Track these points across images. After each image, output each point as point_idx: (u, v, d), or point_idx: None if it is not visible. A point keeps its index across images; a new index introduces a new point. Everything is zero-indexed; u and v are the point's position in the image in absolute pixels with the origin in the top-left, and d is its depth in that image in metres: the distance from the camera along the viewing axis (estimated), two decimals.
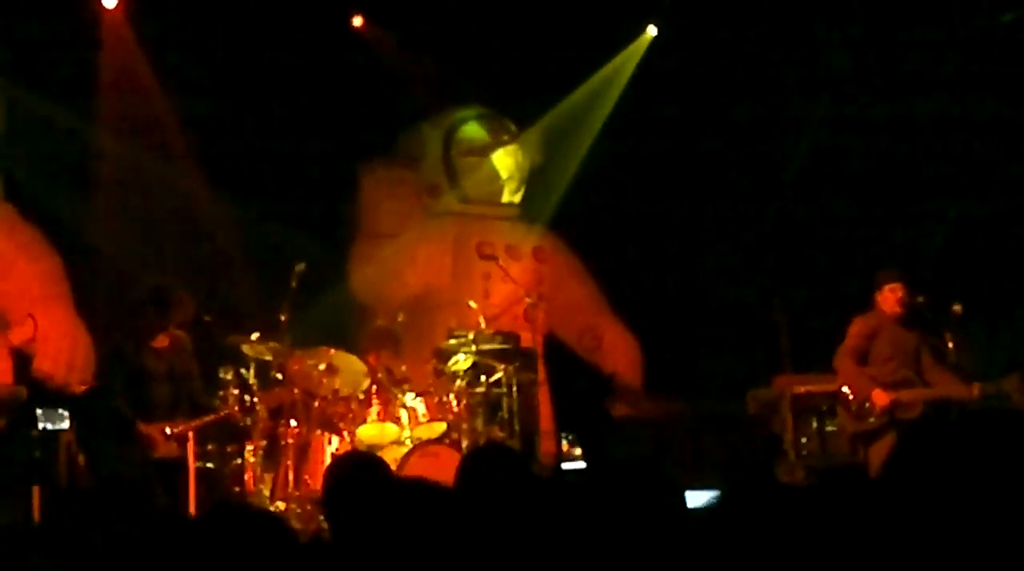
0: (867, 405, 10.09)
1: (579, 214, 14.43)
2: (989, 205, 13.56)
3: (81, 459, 9.83)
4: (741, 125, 14.18)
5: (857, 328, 10.42)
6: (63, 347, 11.28)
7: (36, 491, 9.40)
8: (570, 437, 13.08)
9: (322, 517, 8.70)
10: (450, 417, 10.81)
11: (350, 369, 11.03)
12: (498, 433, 11.05)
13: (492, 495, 4.62)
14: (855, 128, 14.10)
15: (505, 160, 14.50)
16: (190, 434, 9.90)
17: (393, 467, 9.74)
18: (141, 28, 12.40)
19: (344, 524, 4.85)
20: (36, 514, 9.29)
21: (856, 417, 10.22)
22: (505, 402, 11.38)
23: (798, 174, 14.23)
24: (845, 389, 10.35)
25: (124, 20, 12.38)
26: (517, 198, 14.71)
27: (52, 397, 9.58)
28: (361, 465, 5.31)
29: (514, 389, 11.41)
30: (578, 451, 13.01)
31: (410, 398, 10.77)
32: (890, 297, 10.34)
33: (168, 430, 9.61)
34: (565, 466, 12.55)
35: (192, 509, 9.52)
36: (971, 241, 13.58)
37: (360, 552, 4.60)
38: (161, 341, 9.87)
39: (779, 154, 14.39)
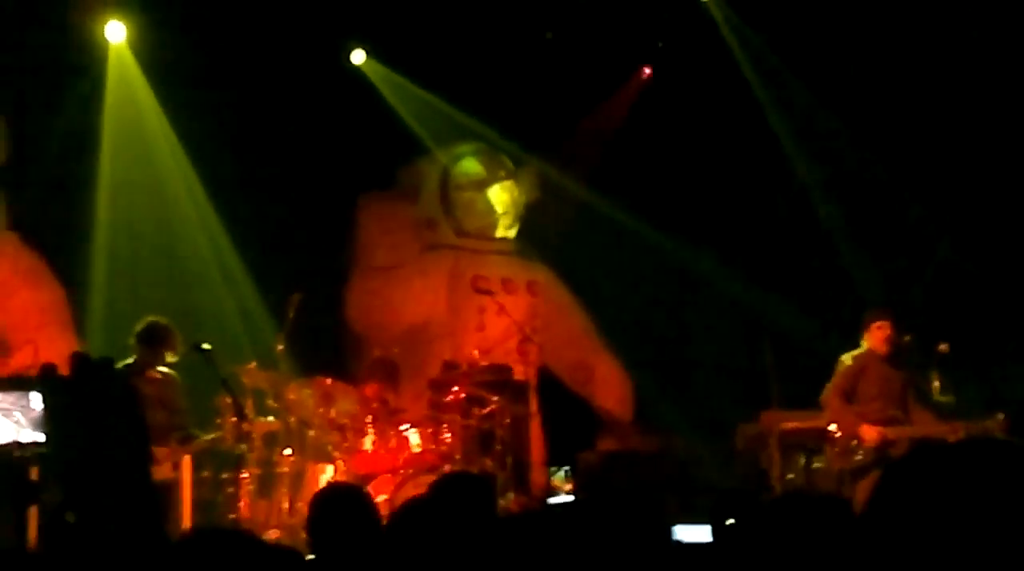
0: (855, 442, 10.15)
1: (572, 249, 14.56)
2: (976, 245, 13.70)
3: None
4: (732, 164, 14.32)
5: (845, 366, 10.50)
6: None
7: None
8: (561, 471, 13.14)
9: None
10: (443, 448, 10.92)
11: (346, 399, 11.16)
12: (489, 464, 11.16)
13: (461, 525, 4.69)
14: (844, 168, 14.25)
15: (501, 195, 14.65)
16: (186, 459, 10.01)
17: (387, 497, 9.88)
18: (145, 61, 12.53)
19: (326, 554, 4.96)
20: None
21: (843, 454, 10.28)
22: (497, 434, 11.49)
23: (788, 212, 14.36)
24: (833, 427, 10.42)
25: (129, 53, 12.51)
26: (512, 233, 14.84)
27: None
28: (344, 496, 5.38)
29: (506, 421, 11.54)
30: (565, 484, 13.06)
31: (404, 429, 10.88)
32: (878, 336, 10.41)
33: (163, 453, 9.65)
34: (554, 500, 12.61)
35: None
36: (958, 281, 13.68)
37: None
38: (152, 374, 9.99)
39: (769, 194, 14.52)
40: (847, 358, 10.54)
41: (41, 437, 6.78)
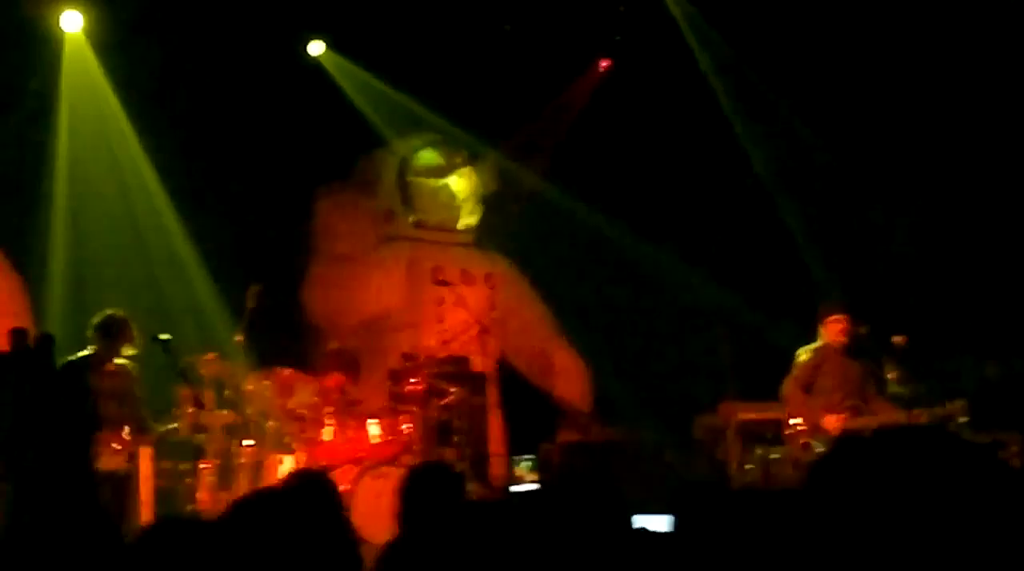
0: (815, 435, 10.20)
1: (530, 241, 14.59)
2: (931, 237, 13.82)
3: None
4: (691, 155, 14.39)
5: (803, 359, 10.56)
6: None
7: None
8: (525, 460, 13.18)
9: None
10: (402, 439, 10.94)
11: (305, 390, 11.15)
12: (449, 455, 11.18)
13: (431, 514, 4.71)
14: (800, 161, 14.34)
15: (459, 184, 14.67)
16: (145, 450, 9.98)
17: (347, 488, 9.89)
18: (102, 51, 12.47)
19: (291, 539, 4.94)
20: None
21: (804, 448, 10.33)
22: (456, 425, 11.52)
23: (745, 202, 14.43)
24: (795, 420, 10.47)
25: (86, 43, 12.45)
26: (472, 222, 14.85)
27: None
28: (311, 483, 5.37)
29: (465, 412, 11.56)
30: (529, 474, 13.10)
31: (364, 420, 10.89)
32: (834, 328, 10.48)
33: (117, 444, 9.62)
34: (515, 488, 12.65)
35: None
36: (913, 273, 13.80)
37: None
38: (108, 366, 9.95)
39: (728, 183, 14.59)
40: (804, 351, 10.60)
41: None
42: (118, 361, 9.99)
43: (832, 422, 10.08)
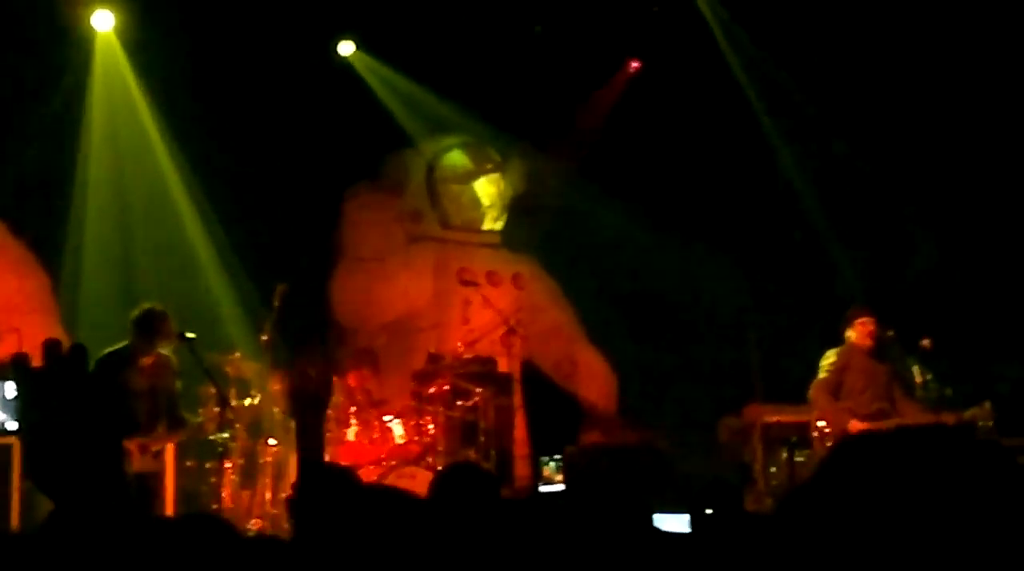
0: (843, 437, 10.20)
1: (557, 242, 14.57)
2: (960, 241, 13.75)
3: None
4: (719, 159, 14.34)
5: (830, 362, 10.55)
6: None
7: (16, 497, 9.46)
8: (552, 461, 13.17)
9: None
10: (427, 439, 10.95)
11: None
12: (473, 456, 11.19)
13: (463, 512, 4.72)
14: (829, 164, 14.29)
15: (488, 188, 14.66)
16: (169, 448, 10.00)
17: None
18: (132, 50, 12.52)
19: (309, 528, 4.95)
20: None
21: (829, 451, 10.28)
22: (481, 426, 11.53)
23: (773, 207, 14.39)
24: (821, 423, 10.45)
25: (116, 42, 12.50)
26: (498, 226, 14.85)
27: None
28: (331, 474, 5.37)
29: (490, 413, 11.57)
30: (554, 475, 13.08)
31: (388, 420, 10.90)
32: (861, 331, 10.48)
33: (147, 446, 9.61)
34: (541, 489, 12.63)
35: None
36: (941, 277, 13.73)
37: (323, 556, 4.73)
38: (145, 360, 9.90)
39: (757, 187, 14.55)
40: (831, 354, 10.59)
41: (11, 422, 6.82)
42: (160, 352, 9.95)
43: (858, 427, 10.04)
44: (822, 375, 10.52)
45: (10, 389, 6.74)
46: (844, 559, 2.19)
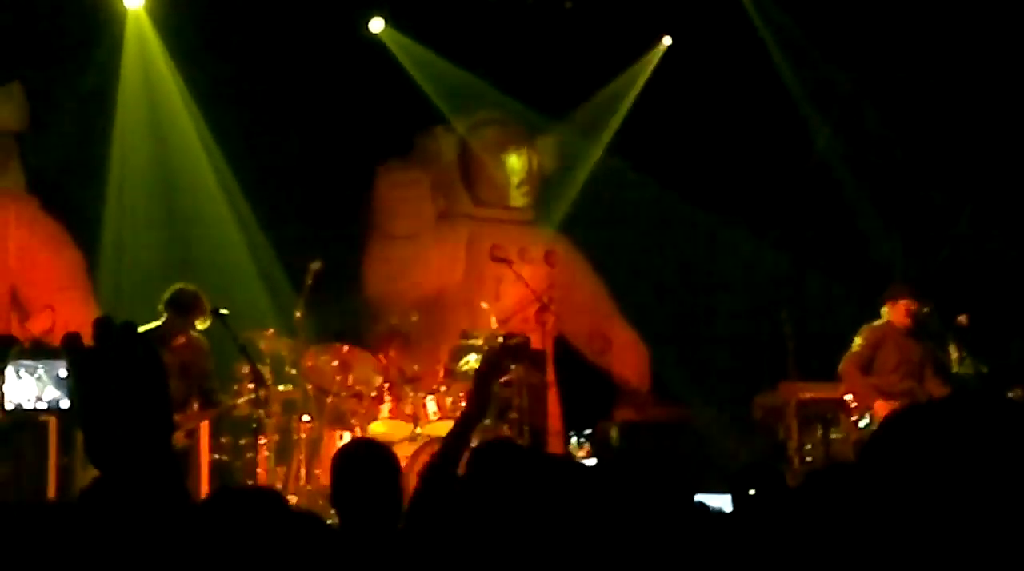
0: (867, 413, 10.21)
1: (590, 218, 14.54)
2: (997, 216, 13.67)
3: None
4: (752, 134, 14.27)
5: (864, 337, 10.53)
6: None
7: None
8: (579, 437, 13.17)
9: (333, 511, 8.81)
10: (460, 416, 10.93)
11: (363, 366, 11.19)
12: (507, 432, 11.18)
13: (500, 486, 4.70)
14: (863, 136, 14.22)
15: (519, 164, 14.61)
16: (204, 425, 10.04)
17: (404, 464, 9.90)
18: (163, 27, 12.54)
19: (351, 508, 4.96)
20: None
21: (857, 425, 10.33)
22: (515, 402, 11.51)
23: (806, 181, 14.32)
24: (848, 397, 10.46)
25: (147, 19, 12.52)
26: (531, 202, 14.81)
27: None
28: (370, 452, 5.38)
29: (523, 390, 11.55)
30: (581, 451, 13.09)
31: (421, 396, 10.91)
32: (901, 310, 10.45)
33: (180, 424, 9.65)
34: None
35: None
36: (978, 252, 13.66)
37: (366, 535, 4.73)
38: (178, 340, 9.93)
39: (789, 162, 14.48)
40: (866, 329, 10.58)
41: (64, 400, 6.84)
42: (192, 334, 9.98)
43: (883, 409, 10.01)
44: (854, 349, 10.51)
45: (62, 368, 6.79)
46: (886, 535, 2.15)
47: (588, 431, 12.89)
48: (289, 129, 12.82)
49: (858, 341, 10.54)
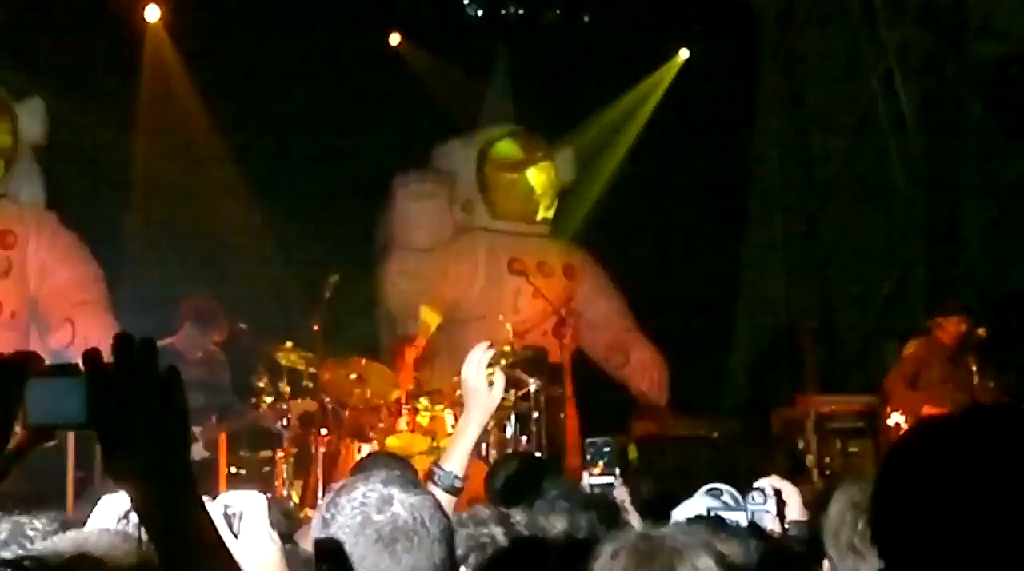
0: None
1: (608, 232, 14.53)
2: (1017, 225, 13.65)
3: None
4: (769, 147, 14.28)
5: (910, 352, 10.46)
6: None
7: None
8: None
9: None
10: None
11: (381, 380, 11.19)
12: (525, 446, 11.17)
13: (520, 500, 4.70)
14: (883, 149, 14.21)
15: (538, 177, 14.56)
16: (222, 438, 10.06)
17: (421, 478, 9.88)
18: (181, 41, 12.58)
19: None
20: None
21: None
22: (533, 416, 11.51)
23: (824, 195, 14.31)
24: (898, 417, 10.36)
25: (165, 33, 12.56)
26: (549, 215, 14.78)
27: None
28: (389, 464, 5.36)
29: (542, 403, 11.54)
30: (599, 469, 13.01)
31: (439, 410, 10.90)
32: (951, 331, 10.35)
33: (197, 437, 9.68)
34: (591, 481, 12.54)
35: None
36: (999, 264, 13.61)
37: None
38: (197, 354, 9.96)
39: (807, 174, 14.47)
40: (913, 344, 10.51)
41: (83, 416, 6.85)
42: (211, 348, 10.01)
43: (931, 411, 9.92)
44: (901, 364, 10.43)
45: (82, 384, 6.81)
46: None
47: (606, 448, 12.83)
48: (307, 140, 12.85)
49: (906, 357, 10.47)
